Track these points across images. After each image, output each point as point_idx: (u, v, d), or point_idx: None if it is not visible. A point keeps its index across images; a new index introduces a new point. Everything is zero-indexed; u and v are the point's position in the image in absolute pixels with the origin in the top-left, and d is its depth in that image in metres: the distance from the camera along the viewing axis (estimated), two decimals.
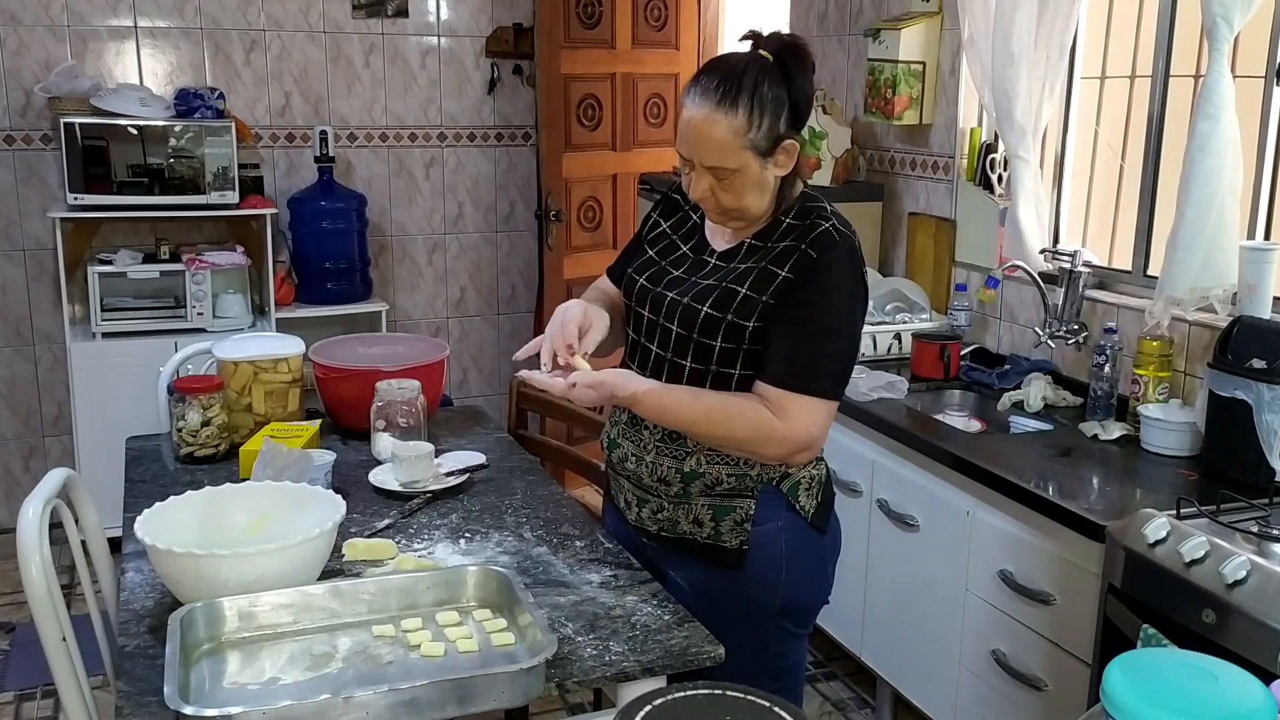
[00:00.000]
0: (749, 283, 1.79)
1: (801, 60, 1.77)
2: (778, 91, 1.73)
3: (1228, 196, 2.49)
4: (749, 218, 1.83)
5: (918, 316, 3.41)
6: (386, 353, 2.64)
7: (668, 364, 1.86)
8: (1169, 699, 0.97)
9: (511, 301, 4.93)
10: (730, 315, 1.78)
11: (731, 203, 1.79)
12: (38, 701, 3.16)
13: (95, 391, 3.87)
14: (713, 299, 1.80)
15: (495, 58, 4.66)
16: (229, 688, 1.49)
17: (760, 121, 1.72)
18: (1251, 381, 2.24)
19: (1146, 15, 2.91)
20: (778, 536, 1.85)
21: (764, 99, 1.72)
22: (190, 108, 3.96)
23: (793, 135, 1.77)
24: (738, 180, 1.76)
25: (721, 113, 1.72)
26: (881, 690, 3.01)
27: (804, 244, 1.77)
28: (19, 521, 1.74)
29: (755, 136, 1.73)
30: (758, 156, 1.75)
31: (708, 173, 1.77)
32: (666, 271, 1.91)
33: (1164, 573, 1.96)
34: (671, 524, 1.89)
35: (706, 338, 1.80)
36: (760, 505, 1.84)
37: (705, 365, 1.82)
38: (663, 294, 1.87)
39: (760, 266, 1.79)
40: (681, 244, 1.94)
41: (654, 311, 1.88)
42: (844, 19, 3.84)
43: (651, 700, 1.14)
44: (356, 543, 1.93)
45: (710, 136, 1.73)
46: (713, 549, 1.87)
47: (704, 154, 1.75)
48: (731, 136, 1.72)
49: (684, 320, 1.82)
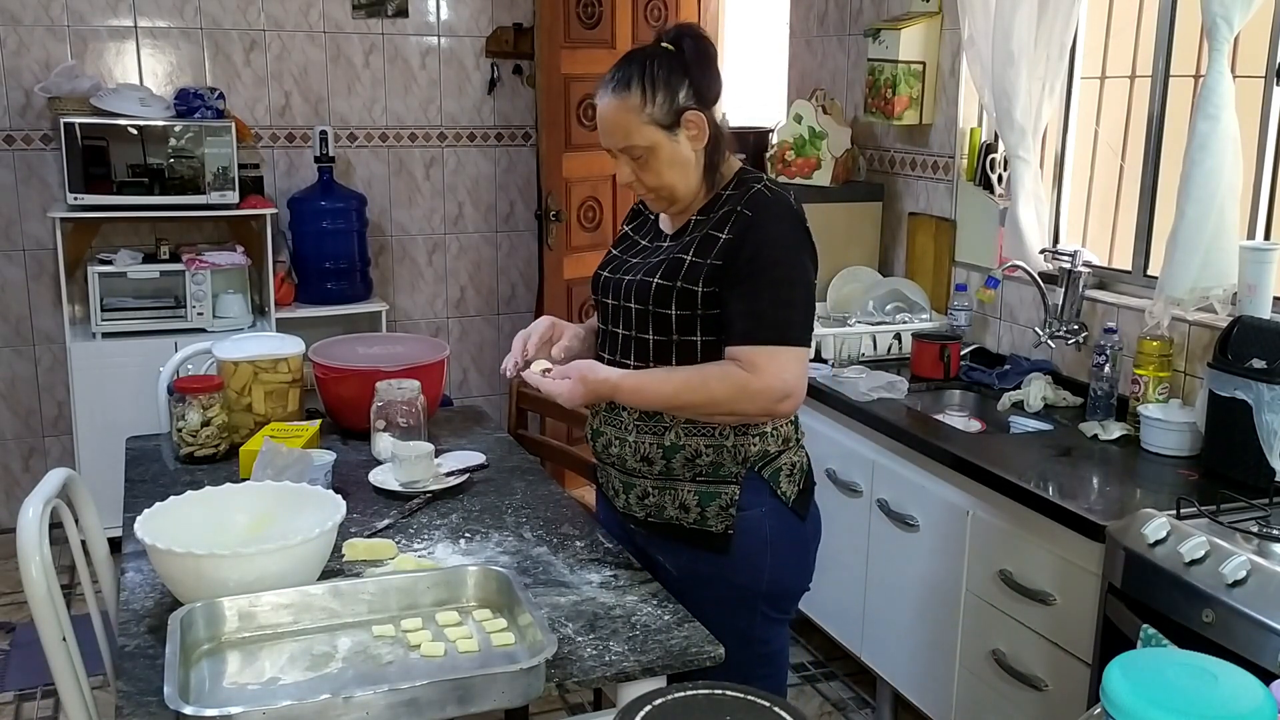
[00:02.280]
0: (693, 249, 1.87)
1: (696, 43, 1.87)
2: (671, 70, 1.84)
3: (1228, 196, 2.49)
4: (679, 197, 1.91)
5: (918, 316, 3.41)
6: (386, 353, 2.64)
7: (634, 341, 1.94)
8: (1169, 699, 0.97)
9: (511, 301, 4.93)
10: (679, 282, 1.85)
11: (654, 181, 1.89)
12: (38, 701, 3.16)
13: (95, 391, 3.87)
14: (662, 271, 1.88)
15: (495, 58, 4.66)
16: (229, 688, 1.49)
17: (654, 96, 1.83)
18: (1251, 381, 2.24)
19: (1146, 15, 2.91)
20: (762, 521, 1.92)
21: (655, 76, 1.83)
22: (190, 108, 3.96)
23: (698, 108, 1.86)
24: (652, 158, 1.86)
25: (618, 96, 1.85)
26: (881, 690, 3.01)
27: (739, 206, 1.87)
28: (19, 521, 1.74)
29: (653, 111, 1.83)
30: (662, 130, 1.85)
31: (624, 156, 1.88)
32: (625, 262, 2.01)
33: (1164, 573, 1.96)
34: (658, 509, 1.95)
35: (661, 307, 1.88)
36: (744, 491, 1.91)
37: (667, 335, 1.89)
38: (620, 279, 1.97)
39: (702, 234, 1.88)
40: (641, 240, 2.05)
41: (614, 296, 1.97)
42: (844, 19, 3.84)
43: (651, 700, 1.14)
44: (356, 543, 1.93)
45: (614, 120, 1.86)
46: (699, 534, 1.93)
47: (614, 138, 1.88)
48: (631, 115, 1.84)
49: (639, 295, 1.90)
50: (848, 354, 3.22)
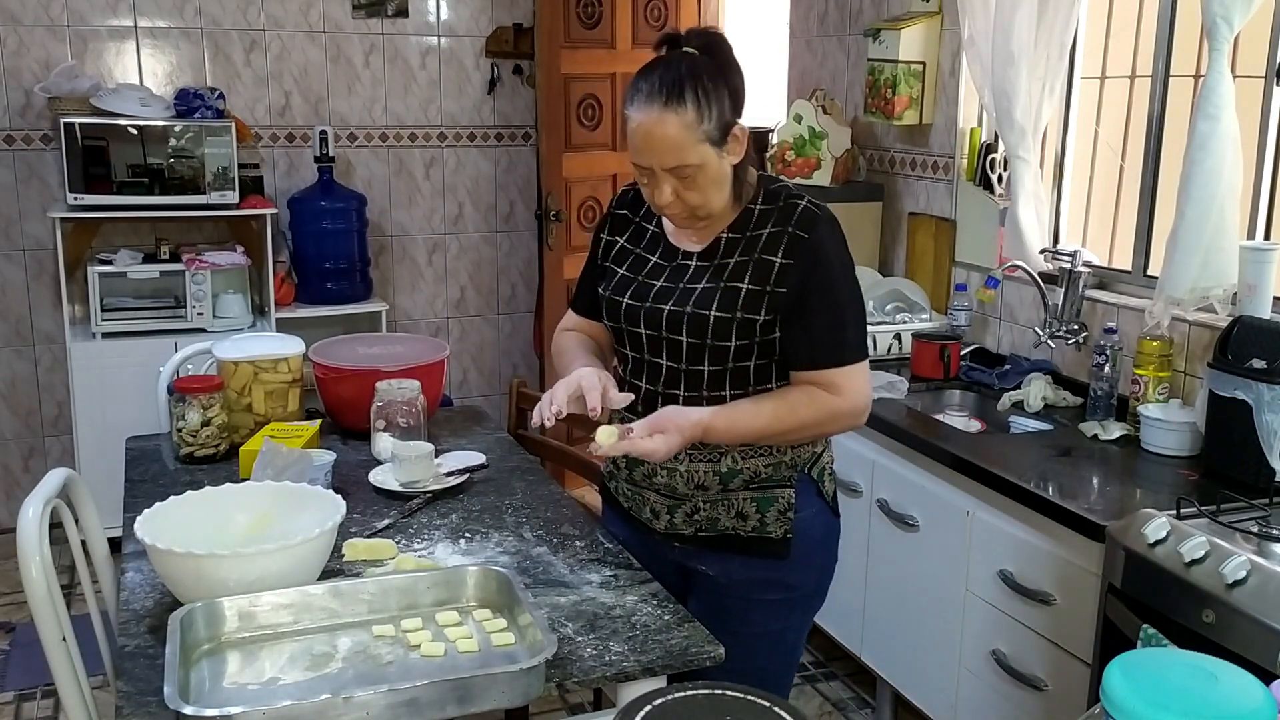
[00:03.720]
0: (748, 276, 1.79)
1: (726, 48, 1.79)
2: (716, 80, 1.73)
3: (1228, 196, 2.49)
4: (714, 214, 1.82)
5: (918, 316, 3.41)
6: (386, 353, 2.64)
7: (683, 373, 1.85)
8: (1169, 699, 0.97)
9: (511, 301, 4.93)
10: (739, 313, 1.78)
11: (698, 200, 1.78)
12: (38, 701, 3.16)
13: (95, 391, 3.86)
14: (718, 301, 1.79)
15: (495, 58, 4.66)
16: (229, 688, 1.49)
17: (710, 110, 1.72)
18: (1251, 381, 2.24)
19: (1146, 15, 2.91)
20: (814, 521, 1.90)
21: (708, 89, 1.72)
22: (190, 108, 3.96)
23: (737, 121, 1.78)
24: (700, 176, 1.75)
25: (671, 110, 1.70)
26: (881, 690, 3.01)
27: (790, 226, 1.78)
28: (19, 521, 1.74)
29: (708, 127, 1.72)
30: (713, 147, 1.74)
31: (669, 176, 1.75)
32: (649, 285, 1.88)
33: (1164, 573, 1.96)
34: (711, 522, 1.89)
35: (720, 340, 1.80)
36: (799, 493, 1.88)
37: (722, 365, 1.82)
38: (656, 308, 1.84)
39: (753, 258, 1.79)
40: (649, 255, 1.92)
41: (652, 327, 1.85)
42: (844, 19, 3.84)
43: (651, 700, 1.14)
44: (356, 543, 1.93)
45: (665, 137, 1.71)
46: (758, 541, 1.88)
47: (662, 157, 1.73)
48: (686, 132, 1.71)
49: (693, 329, 1.80)
50: None
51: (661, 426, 1.75)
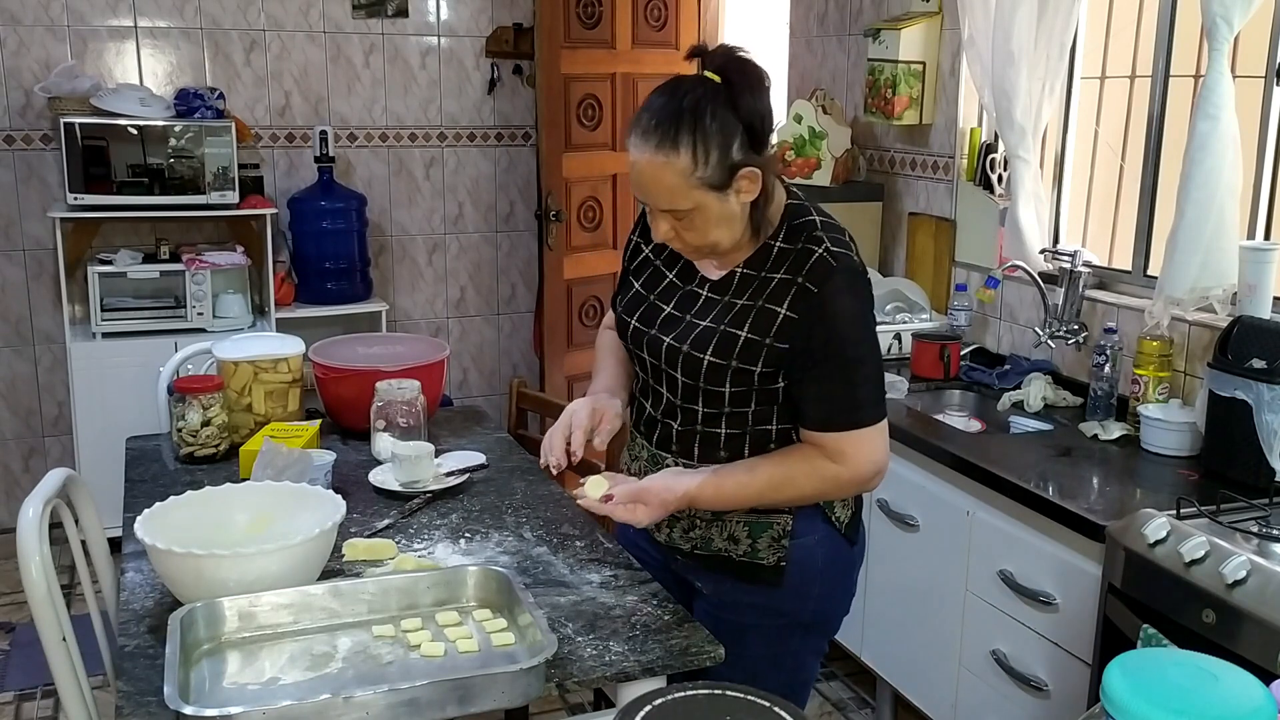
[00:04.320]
0: (749, 324, 1.69)
1: (749, 76, 1.61)
2: (724, 118, 1.59)
3: (1228, 196, 2.49)
4: (723, 251, 1.71)
5: (918, 316, 3.41)
6: (386, 353, 2.64)
7: (679, 410, 1.79)
8: (1169, 699, 0.97)
9: (511, 301, 4.93)
10: (734, 362, 1.69)
11: (698, 240, 1.68)
12: (38, 701, 3.16)
13: (95, 391, 3.87)
14: (714, 346, 1.70)
15: (495, 58, 4.66)
16: (229, 688, 1.49)
17: (707, 157, 1.58)
18: (1251, 381, 2.24)
19: (1146, 15, 2.91)
20: (814, 551, 1.80)
21: (707, 132, 1.57)
22: (190, 108, 3.96)
23: (753, 160, 1.62)
24: (698, 218, 1.64)
25: (663, 155, 1.58)
26: (881, 690, 3.01)
27: (800, 277, 1.66)
28: (19, 521, 1.74)
29: (705, 174, 1.59)
30: (713, 191, 1.61)
31: (666, 215, 1.66)
32: (658, 309, 1.80)
33: (1164, 573, 1.96)
34: (705, 541, 1.83)
35: (714, 385, 1.72)
36: (798, 519, 1.79)
37: (718, 409, 1.75)
38: (659, 338, 1.77)
39: (758, 305, 1.69)
40: (667, 271, 1.83)
41: (654, 356, 1.79)
42: (844, 19, 3.83)
43: (651, 700, 1.14)
44: (356, 543, 1.93)
45: (657, 181, 1.61)
46: (748, 566, 1.80)
47: (655, 198, 1.64)
48: (678, 179, 1.59)
49: (687, 369, 1.73)
50: None
51: (643, 498, 1.71)
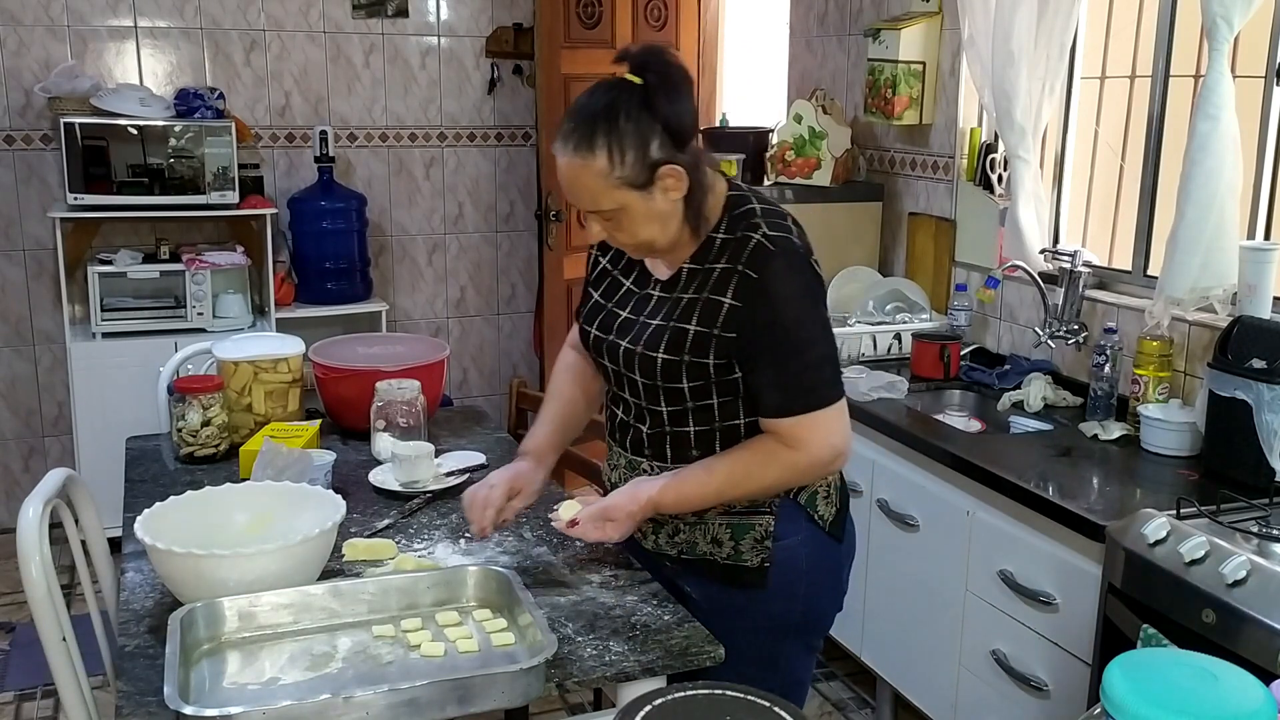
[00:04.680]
0: (696, 317, 1.69)
1: (667, 77, 1.63)
2: (640, 118, 1.61)
3: (1228, 196, 2.49)
4: (662, 248, 1.72)
5: (918, 316, 3.41)
6: (386, 353, 2.64)
7: (646, 412, 1.80)
8: (1169, 699, 0.97)
9: (511, 301, 4.93)
10: (687, 356, 1.70)
11: (629, 240, 1.70)
12: (38, 701, 3.16)
13: (95, 391, 3.87)
14: (665, 343, 1.71)
15: (495, 58, 4.66)
16: (229, 688, 1.49)
17: (623, 157, 1.61)
18: (1251, 381, 2.24)
19: (1146, 15, 2.91)
20: (798, 550, 1.80)
21: (622, 132, 1.60)
22: (190, 108, 3.96)
23: (675, 158, 1.64)
24: (624, 218, 1.66)
25: (580, 158, 1.62)
26: (881, 690, 3.01)
27: (740, 264, 1.67)
28: (19, 521, 1.75)
29: (624, 174, 1.62)
30: (635, 191, 1.63)
31: (595, 216, 1.69)
32: (614, 315, 1.82)
33: (1164, 573, 1.96)
34: (690, 545, 1.84)
35: (672, 382, 1.72)
36: (780, 520, 1.79)
37: (681, 405, 1.76)
38: (615, 343, 1.79)
39: (703, 297, 1.70)
40: (624, 278, 1.84)
41: (614, 361, 1.80)
42: (844, 19, 3.83)
43: (651, 700, 1.14)
44: (356, 543, 1.93)
45: (579, 183, 1.64)
46: (733, 569, 1.81)
47: (580, 200, 1.67)
48: (597, 180, 1.62)
49: (644, 369, 1.74)
50: (848, 354, 3.22)
51: (609, 515, 1.75)
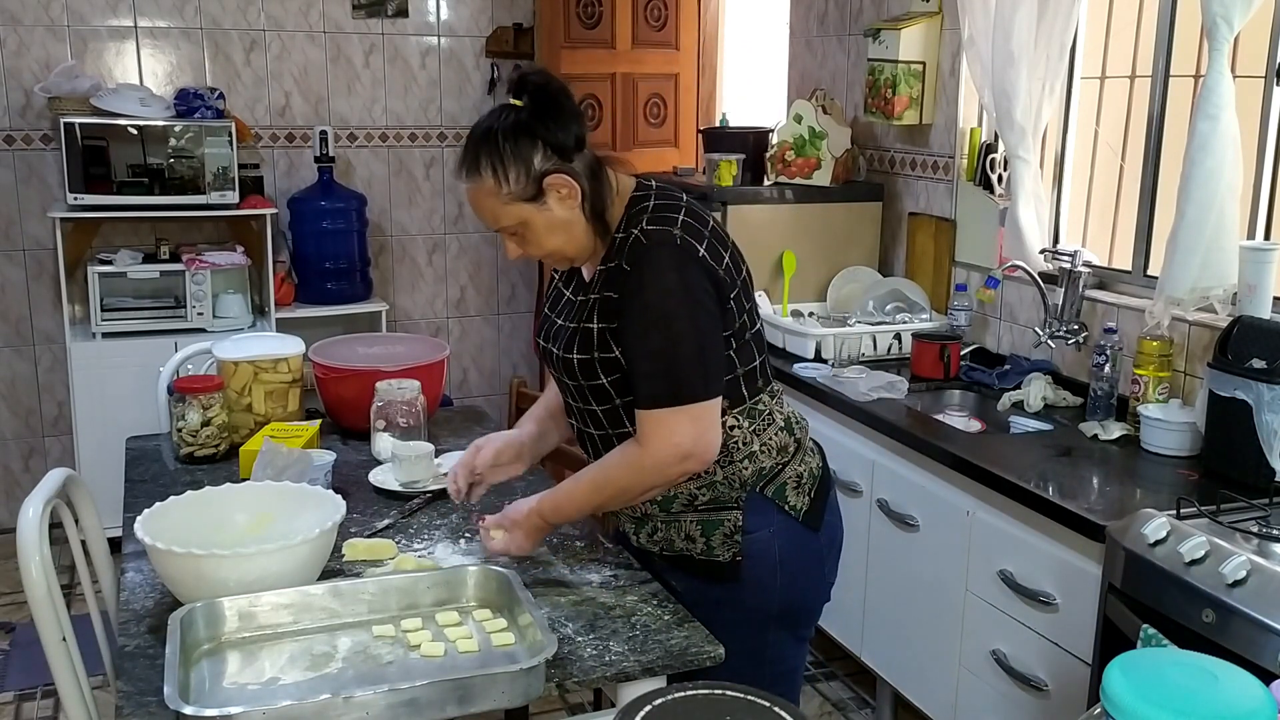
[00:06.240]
0: (595, 315, 1.76)
1: (541, 92, 1.73)
2: (518, 137, 1.71)
3: (1228, 196, 2.49)
4: (574, 255, 1.80)
5: (918, 316, 3.41)
6: (386, 353, 2.64)
7: (586, 414, 1.85)
8: (1169, 699, 0.97)
9: (511, 301, 4.93)
10: (596, 353, 1.75)
11: (539, 252, 1.79)
12: (38, 701, 3.16)
13: (95, 391, 3.87)
14: (576, 343, 1.78)
15: (495, 58, 4.66)
16: (229, 688, 1.49)
17: (506, 174, 1.70)
18: (1251, 381, 2.24)
19: (1146, 15, 2.91)
20: (770, 543, 1.82)
21: (502, 152, 1.70)
22: (190, 108, 3.96)
23: (561, 168, 1.72)
24: (528, 232, 1.75)
25: (471, 181, 1.73)
26: (881, 690, 3.01)
27: (622, 259, 1.72)
28: (19, 521, 1.75)
29: (514, 189, 1.71)
30: (529, 204, 1.72)
31: (504, 234, 1.78)
32: (552, 322, 1.88)
33: (1164, 573, 1.96)
34: (668, 542, 1.87)
35: (591, 380, 1.77)
36: (748, 513, 1.81)
37: (610, 403, 1.79)
38: (549, 349, 1.85)
39: (600, 295, 1.76)
40: (564, 289, 1.91)
41: (554, 369, 1.86)
42: (844, 19, 3.83)
43: (651, 700, 1.14)
44: (356, 543, 1.93)
45: (478, 204, 1.76)
46: (708, 563, 1.84)
47: (486, 220, 1.78)
48: (491, 199, 1.73)
49: (567, 371, 1.80)
50: (847, 354, 3.21)
51: (503, 524, 1.84)
